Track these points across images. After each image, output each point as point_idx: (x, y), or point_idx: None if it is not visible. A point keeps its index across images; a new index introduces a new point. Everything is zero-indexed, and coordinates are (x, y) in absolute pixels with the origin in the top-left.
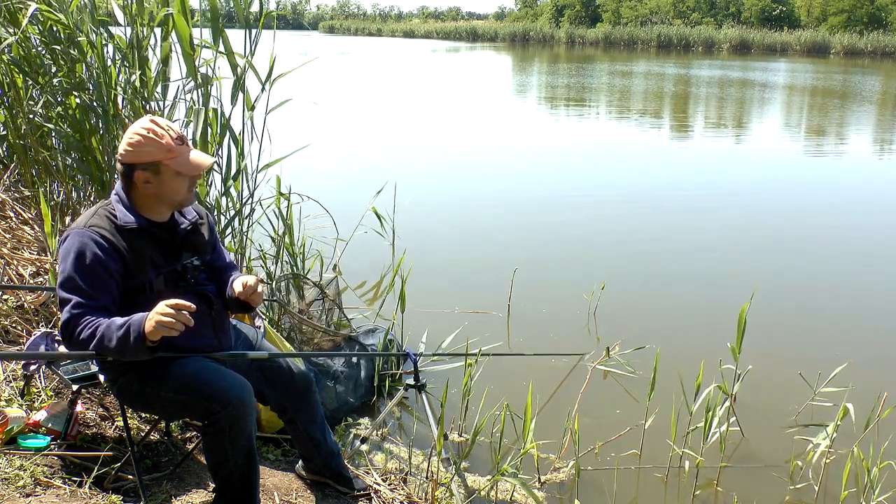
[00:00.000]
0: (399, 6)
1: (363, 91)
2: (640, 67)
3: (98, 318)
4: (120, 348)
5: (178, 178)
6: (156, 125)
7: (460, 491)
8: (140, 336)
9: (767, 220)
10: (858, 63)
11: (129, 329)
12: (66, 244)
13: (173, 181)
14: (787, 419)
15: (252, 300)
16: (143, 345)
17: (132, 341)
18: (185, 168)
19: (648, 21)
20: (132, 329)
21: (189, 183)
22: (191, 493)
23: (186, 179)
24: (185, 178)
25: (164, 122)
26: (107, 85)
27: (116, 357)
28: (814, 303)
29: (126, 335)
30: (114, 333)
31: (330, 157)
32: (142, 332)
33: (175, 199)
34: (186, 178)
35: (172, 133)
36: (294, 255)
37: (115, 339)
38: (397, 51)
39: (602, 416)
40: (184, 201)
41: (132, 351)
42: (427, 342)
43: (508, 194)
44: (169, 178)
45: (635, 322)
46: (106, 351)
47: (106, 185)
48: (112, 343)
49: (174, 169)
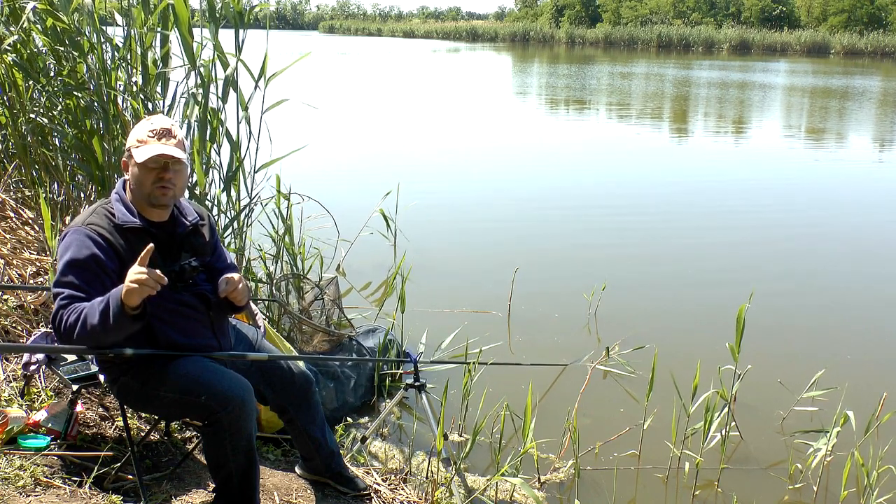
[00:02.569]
0: (399, 6)
1: (363, 91)
2: (641, 68)
3: (83, 304)
4: (103, 322)
5: (142, 169)
6: (151, 118)
7: (460, 491)
8: (119, 303)
9: (768, 220)
10: (858, 63)
11: (108, 302)
12: (64, 241)
13: (138, 171)
14: (787, 420)
15: (234, 297)
16: (123, 313)
17: (113, 311)
18: (138, 156)
19: (648, 21)
20: (112, 300)
21: (154, 177)
22: (191, 493)
23: (151, 173)
24: (148, 170)
25: (163, 118)
26: (107, 85)
27: (102, 334)
28: (814, 303)
29: (106, 308)
30: (96, 311)
31: (330, 157)
32: (120, 301)
33: (142, 192)
34: (151, 172)
35: (155, 126)
36: (294, 255)
37: (97, 315)
38: (397, 51)
39: (602, 417)
40: (150, 196)
41: (116, 323)
42: (427, 342)
43: (509, 194)
44: (134, 167)
45: (635, 322)
46: (92, 330)
47: (106, 184)
48: (96, 319)
49: (134, 158)
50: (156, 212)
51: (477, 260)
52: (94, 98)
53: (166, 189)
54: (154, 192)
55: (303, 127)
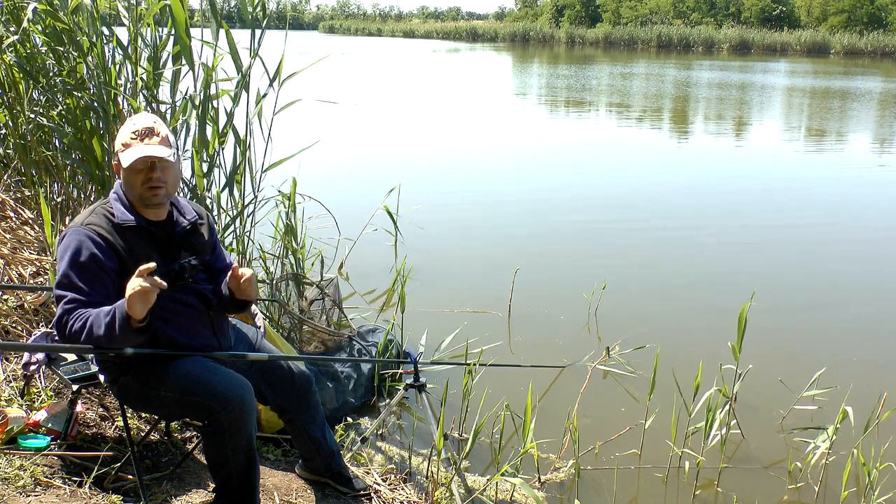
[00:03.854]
0: (399, 6)
1: (363, 92)
2: (641, 68)
3: (89, 310)
4: (108, 334)
5: (130, 173)
6: (134, 117)
7: (460, 491)
8: (124, 317)
9: (768, 220)
10: (858, 63)
11: (114, 313)
12: (63, 242)
13: (125, 173)
14: (788, 420)
15: (243, 291)
16: (129, 326)
17: (118, 324)
18: (124, 160)
19: (648, 21)
20: (117, 312)
21: (143, 178)
22: (191, 493)
23: (139, 175)
24: (136, 172)
25: (145, 116)
26: (107, 85)
27: (108, 345)
28: (814, 303)
29: (112, 320)
30: (102, 321)
31: (330, 157)
32: (125, 313)
33: (133, 193)
34: (139, 174)
35: (138, 126)
36: (296, 255)
37: (103, 326)
38: (397, 51)
39: (602, 416)
40: (142, 197)
41: (121, 335)
42: (427, 342)
43: (510, 194)
44: (122, 169)
45: (635, 322)
46: (97, 340)
47: (106, 184)
48: (101, 330)
49: (121, 162)
50: (153, 211)
51: (477, 260)
52: (93, 98)
53: (157, 188)
54: (145, 194)
55: (302, 127)
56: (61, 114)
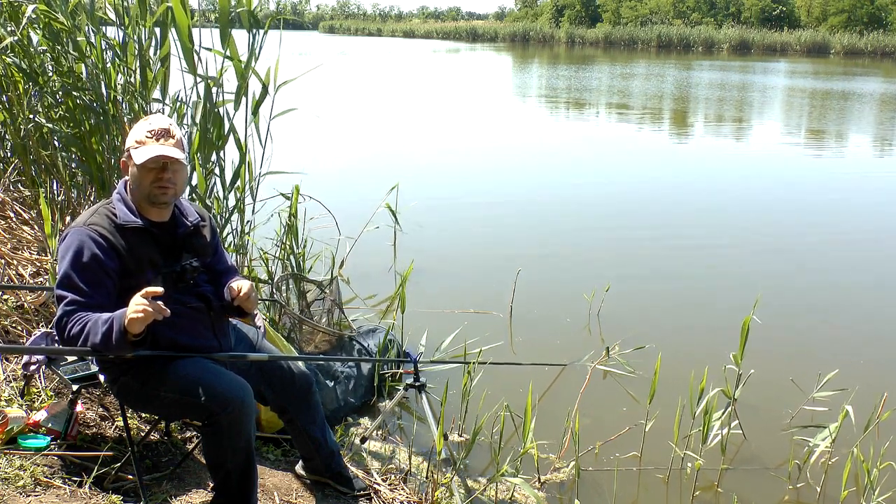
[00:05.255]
0: (399, 6)
1: (363, 91)
2: (641, 68)
3: (89, 314)
4: (104, 343)
5: (141, 170)
6: (150, 117)
7: (460, 491)
8: (122, 330)
9: (769, 220)
10: (858, 63)
11: (112, 324)
12: (65, 242)
13: (137, 172)
14: (788, 421)
15: (245, 306)
16: (125, 339)
17: (115, 336)
18: (137, 157)
19: (648, 21)
20: (115, 324)
21: (153, 177)
22: (191, 493)
23: (150, 173)
24: (147, 170)
25: (161, 117)
26: (106, 85)
27: (104, 353)
28: (815, 304)
29: (109, 330)
30: (99, 329)
31: (330, 157)
32: (123, 327)
33: (141, 192)
34: (150, 172)
35: (154, 127)
36: (297, 255)
37: (100, 335)
38: (398, 51)
39: (602, 417)
40: (150, 195)
41: (116, 346)
42: (428, 342)
43: (510, 194)
44: (133, 167)
45: (636, 323)
46: (93, 348)
47: (106, 184)
48: (97, 338)
49: (134, 159)
50: (157, 211)
51: (477, 260)
52: (92, 98)
53: (166, 188)
54: (153, 192)
55: (303, 127)
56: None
